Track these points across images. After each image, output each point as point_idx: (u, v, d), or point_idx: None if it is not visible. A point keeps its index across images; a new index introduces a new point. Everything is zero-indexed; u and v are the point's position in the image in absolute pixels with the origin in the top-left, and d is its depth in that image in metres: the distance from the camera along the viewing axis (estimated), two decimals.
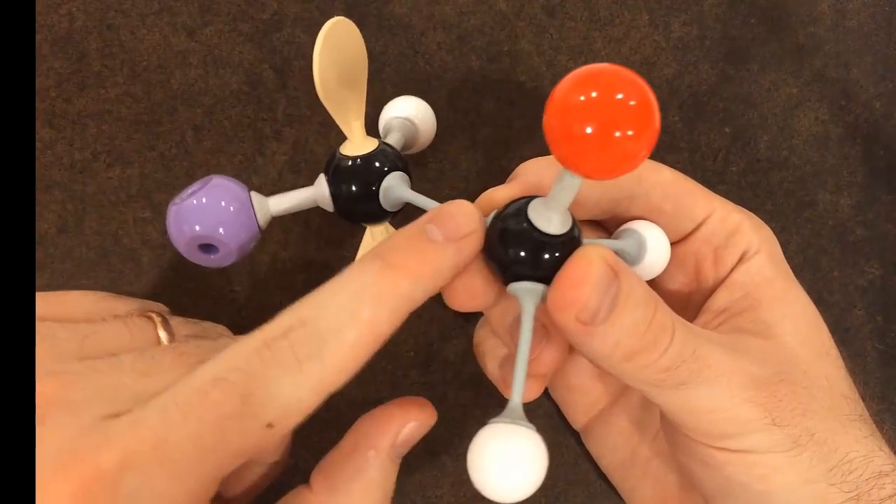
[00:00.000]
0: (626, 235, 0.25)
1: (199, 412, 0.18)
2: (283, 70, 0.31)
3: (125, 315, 0.24)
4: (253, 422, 0.18)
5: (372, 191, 0.24)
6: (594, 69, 0.17)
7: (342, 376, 0.19)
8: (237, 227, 0.23)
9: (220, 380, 0.18)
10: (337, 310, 0.19)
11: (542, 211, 0.20)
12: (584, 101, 0.16)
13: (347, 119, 0.24)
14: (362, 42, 0.24)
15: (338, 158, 0.24)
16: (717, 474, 0.22)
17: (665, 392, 0.21)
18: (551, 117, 0.17)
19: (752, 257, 0.25)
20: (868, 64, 0.34)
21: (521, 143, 0.33)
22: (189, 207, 0.23)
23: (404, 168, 0.25)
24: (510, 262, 0.21)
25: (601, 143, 0.16)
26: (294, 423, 0.19)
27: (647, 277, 0.25)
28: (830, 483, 0.21)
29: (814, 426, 0.22)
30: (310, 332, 0.19)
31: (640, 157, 0.17)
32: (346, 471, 0.22)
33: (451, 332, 0.31)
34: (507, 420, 0.19)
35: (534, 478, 0.19)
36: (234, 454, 0.19)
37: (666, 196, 0.25)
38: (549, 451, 0.19)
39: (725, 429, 0.22)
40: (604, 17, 0.33)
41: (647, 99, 0.17)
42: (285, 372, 0.19)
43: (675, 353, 0.21)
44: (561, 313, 0.20)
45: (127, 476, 0.17)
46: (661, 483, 0.27)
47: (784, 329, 0.24)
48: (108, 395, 0.19)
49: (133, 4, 0.31)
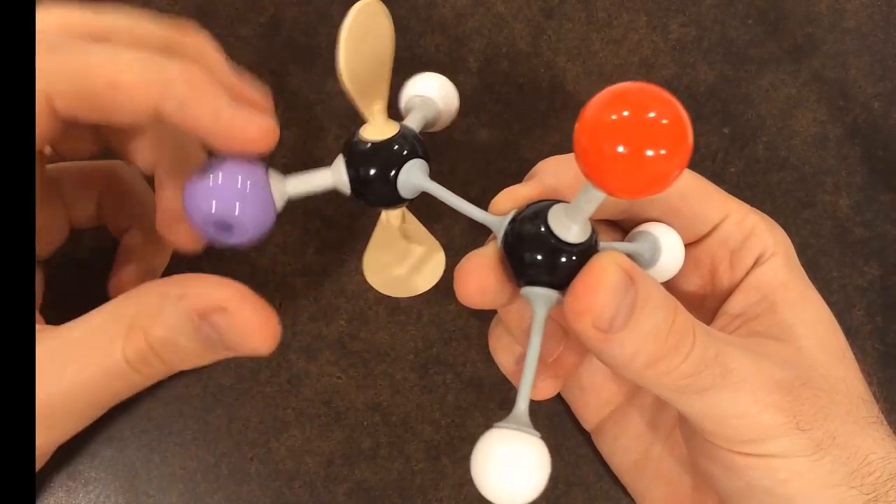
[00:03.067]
0: (641, 238, 0.25)
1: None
2: (281, 73, 0.31)
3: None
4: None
5: (390, 177, 0.24)
6: (626, 87, 0.17)
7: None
8: (253, 207, 0.22)
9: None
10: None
11: (563, 219, 0.20)
12: (615, 119, 0.16)
13: (369, 102, 0.23)
14: (390, 24, 0.23)
15: (357, 141, 0.24)
16: (740, 479, 0.22)
17: (688, 398, 0.21)
18: (582, 135, 0.17)
19: (767, 260, 0.25)
20: (866, 64, 0.34)
21: (519, 145, 0.33)
22: (205, 185, 0.22)
23: (424, 154, 0.24)
24: (525, 265, 0.21)
25: (633, 163, 0.16)
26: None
27: (660, 280, 0.25)
28: (851, 486, 0.21)
29: (835, 429, 0.22)
30: None
31: (672, 177, 0.17)
32: (158, 287, 0.21)
33: (451, 335, 0.31)
34: (513, 426, 0.19)
35: (536, 484, 0.19)
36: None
37: (683, 198, 0.25)
38: (550, 452, 0.19)
39: (749, 434, 0.21)
40: (602, 18, 0.33)
41: (679, 117, 0.16)
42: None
43: (697, 359, 0.21)
44: (577, 321, 0.20)
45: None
46: (674, 484, 0.27)
47: (802, 332, 0.24)
48: None
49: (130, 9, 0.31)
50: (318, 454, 0.30)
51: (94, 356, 0.21)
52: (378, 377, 0.31)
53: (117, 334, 0.21)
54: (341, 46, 0.21)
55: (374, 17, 0.22)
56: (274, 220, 0.23)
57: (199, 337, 0.21)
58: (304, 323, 0.31)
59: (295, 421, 0.30)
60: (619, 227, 0.27)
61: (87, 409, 0.22)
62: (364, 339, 0.31)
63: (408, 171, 0.23)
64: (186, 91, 0.20)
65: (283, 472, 0.30)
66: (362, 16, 0.21)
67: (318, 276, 0.31)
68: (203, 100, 0.21)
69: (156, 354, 0.21)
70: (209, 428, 0.30)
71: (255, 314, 0.21)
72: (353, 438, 0.30)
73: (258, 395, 0.30)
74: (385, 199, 0.24)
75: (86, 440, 0.29)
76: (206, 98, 0.21)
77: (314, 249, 0.31)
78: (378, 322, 0.31)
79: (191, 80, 0.20)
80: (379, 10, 0.22)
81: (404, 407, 0.31)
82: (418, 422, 0.31)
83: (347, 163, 0.24)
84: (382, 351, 0.31)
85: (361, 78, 0.22)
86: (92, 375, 0.21)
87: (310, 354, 0.31)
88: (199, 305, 0.21)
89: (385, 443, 0.30)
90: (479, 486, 0.19)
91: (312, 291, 0.31)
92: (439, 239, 0.27)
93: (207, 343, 0.21)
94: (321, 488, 0.30)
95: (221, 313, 0.21)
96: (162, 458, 0.29)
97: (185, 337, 0.21)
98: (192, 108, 0.20)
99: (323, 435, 0.30)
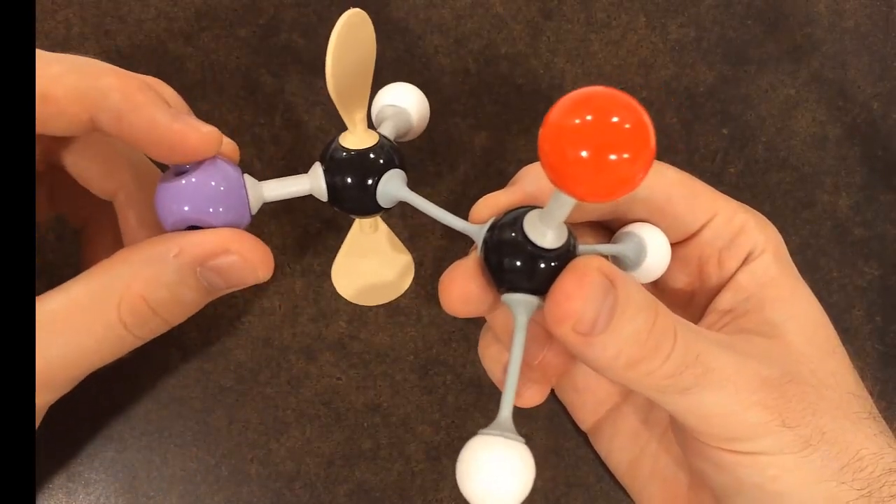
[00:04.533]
0: (626, 239, 0.25)
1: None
2: (280, 74, 0.32)
3: None
4: None
5: (368, 185, 0.24)
6: (588, 92, 0.17)
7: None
8: (227, 211, 0.22)
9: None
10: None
11: (538, 225, 0.20)
12: (578, 124, 0.16)
13: (351, 111, 0.24)
14: (373, 34, 0.24)
15: (336, 149, 0.24)
16: (729, 475, 0.22)
17: (671, 397, 0.21)
18: (545, 141, 0.17)
19: (757, 257, 0.25)
20: (865, 64, 0.34)
21: (518, 146, 0.33)
22: (178, 187, 0.22)
23: (401, 164, 0.25)
24: (504, 272, 0.21)
25: (596, 167, 0.16)
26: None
27: (646, 280, 0.25)
28: (842, 481, 0.21)
29: (824, 425, 0.22)
30: None
31: (637, 181, 0.17)
32: (145, 250, 0.22)
33: (451, 336, 0.31)
34: (496, 432, 0.20)
35: (520, 490, 0.19)
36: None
37: (669, 198, 0.25)
38: (549, 454, 0.19)
39: (734, 432, 0.21)
40: (601, 19, 0.33)
41: (642, 122, 0.16)
42: None
43: (678, 359, 0.21)
44: (557, 326, 0.20)
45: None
46: (671, 482, 0.27)
47: (790, 328, 0.24)
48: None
49: (130, 10, 0.31)
50: (318, 455, 0.30)
51: (92, 324, 0.21)
52: (378, 378, 0.31)
53: (111, 302, 0.21)
54: (329, 54, 0.21)
55: (360, 27, 0.22)
56: (248, 224, 0.23)
57: (202, 286, 0.22)
58: (304, 324, 0.31)
59: (295, 422, 0.30)
60: (607, 227, 0.27)
61: (81, 372, 0.22)
62: (364, 341, 0.31)
63: (387, 181, 0.24)
64: (121, 101, 0.20)
65: (284, 474, 0.30)
66: (350, 25, 0.21)
67: (317, 277, 0.31)
68: (140, 110, 0.21)
69: (155, 314, 0.21)
70: (209, 429, 0.30)
71: (255, 247, 0.22)
72: (354, 439, 0.30)
73: (258, 396, 0.30)
74: (362, 208, 0.25)
75: (86, 441, 0.29)
76: (143, 108, 0.21)
77: (314, 251, 0.31)
78: (378, 323, 0.31)
79: (125, 89, 0.21)
80: (364, 20, 0.23)
81: (404, 408, 0.31)
82: (418, 422, 0.31)
83: (326, 170, 0.24)
84: (382, 352, 0.31)
85: (345, 87, 0.23)
86: (88, 343, 0.21)
87: (310, 355, 0.31)
88: (200, 254, 0.21)
89: (385, 444, 0.30)
90: (464, 492, 0.19)
91: (312, 293, 0.31)
92: (422, 248, 0.27)
93: (210, 289, 0.22)
94: (321, 489, 0.30)
95: (225, 255, 0.21)
96: (162, 460, 0.29)
97: (187, 289, 0.22)
98: (127, 117, 0.21)
99: (323, 436, 0.30)
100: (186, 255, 0.21)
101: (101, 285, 0.21)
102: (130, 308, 0.21)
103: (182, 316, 0.23)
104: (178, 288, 0.21)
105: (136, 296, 0.21)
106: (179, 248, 0.21)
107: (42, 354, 0.20)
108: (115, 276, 0.21)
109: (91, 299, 0.21)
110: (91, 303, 0.21)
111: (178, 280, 0.21)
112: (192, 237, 0.21)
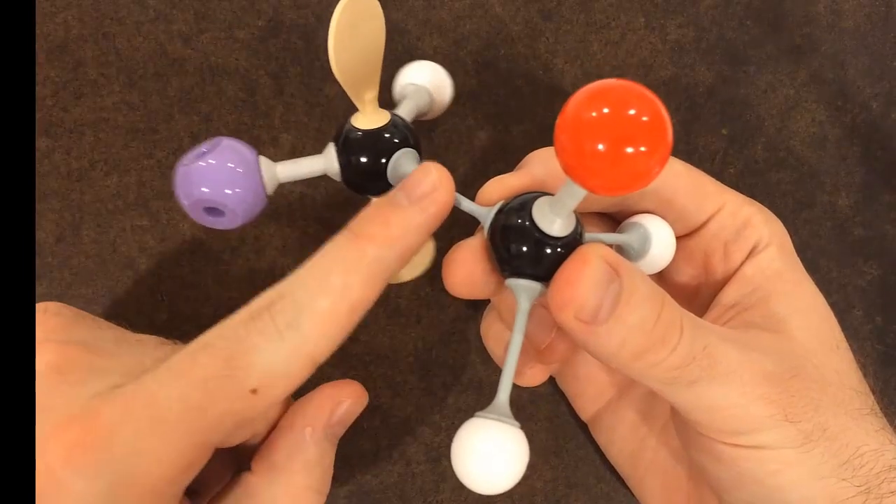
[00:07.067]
0: (631, 229, 0.25)
1: (186, 373, 0.19)
2: (279, 76, 0.31)
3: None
4: (237, 385, 0.19)
5: (381, 164, 0.24)
6: (606, 85, 0.17)
7: (323, 343, 0.20)
8: (244, 192, 0.23)
9: (207, 345, 0.20)
10: (311, 281, 0.21)
11: (546, 212, 0.20)
12: (595, 117, 0.16)
13: (361, 91, 0.24)
14: (381, 13, 0.23)
15: (348, 129, 0.24)
16: (730, 469, 0.22)
17: (676, 390, 0.21)
18: (562, 133, 0.17)
19: (762, 251, 0.25)
20: (864, 64, 0.34)
21: (518, 147, 0.33)
22: (197, 170, 0.22)
23: (415, 144, 0.25)
24: (510, 257, 0.21)
25: (613, 161, 0.16)
26: (279, 392, 0.20)
27: (651, 271, 0.25)
28: (842, 477, 0.21)
29: (826, 421, 0.22)
30: (288, 303, 0.20)
31: (652, 175, 0.17)
32: (284, 449, 0.23)
33: (451, 337, 0.31)
34: (493, 416, 0.20)
35: (513, 473, 0.19)
36: (221, 416, 0.20)
37: (676, 190, 0.25)
38: (550, 455, 0.19)
39: (738, 426, 0.21)
40: (600, 20, 0.33)
41: (659, 114, 0.16)
42: (267, 339, 0.20)
43: (684, 351, 0.21)
44: (560, 312, 0.20)
45: (119, 430, 0.19)
46: (670, 474, 0.27)
47: (795, 323, 0.24)
48: (119, 369, 0.21)
49: (129, 13, 0.31)
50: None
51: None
52: (378, 379, 0.31)
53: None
54: (331, 36, 0.21)
55: (366, 7, 0.22)
56: (265, 205, 0.23)
57: (333, 444, 0.24)
58: None
59: None
60: (614, 218, 0.27)
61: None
62: (364, 342, 0.31)
63: (397, 160, 0.24)
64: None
65: None
66: (352, 6, 0.21)
67: None
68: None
69: (320, 493, 0.24)
70: None
71: (348, 383, 0.24)
72: (353, 441, 0.30)
73: None
74: (374, 187, 0.25)
75: None
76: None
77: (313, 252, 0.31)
78: (378, 324, 0.31)
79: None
80: (370, 1, 0.23)
81: (404, 409, 0.31)
82: (418, 424, 0.31)
83: (339, 150, 0.24)
84: (382, 353, 0.31)
85: (352, 67, 0.22)
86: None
87: None
88: (325, 419, 0.23)
89: (385, 445, 0.30)
90: (458, 474, 0.19)
91: None
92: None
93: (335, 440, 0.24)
94: None
95: (339, 406, 0.24)
96: None
97: (329, 458, 0.24)
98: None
99: None
100: (318, 430, 0.23)
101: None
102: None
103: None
104: (325, 460, 0.23)
105: (303, 488, 0.23)
106: (310, 426, 0.23)
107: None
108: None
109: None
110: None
111: (318, 453, 0.23)
112: (307, 409, 0.23)
